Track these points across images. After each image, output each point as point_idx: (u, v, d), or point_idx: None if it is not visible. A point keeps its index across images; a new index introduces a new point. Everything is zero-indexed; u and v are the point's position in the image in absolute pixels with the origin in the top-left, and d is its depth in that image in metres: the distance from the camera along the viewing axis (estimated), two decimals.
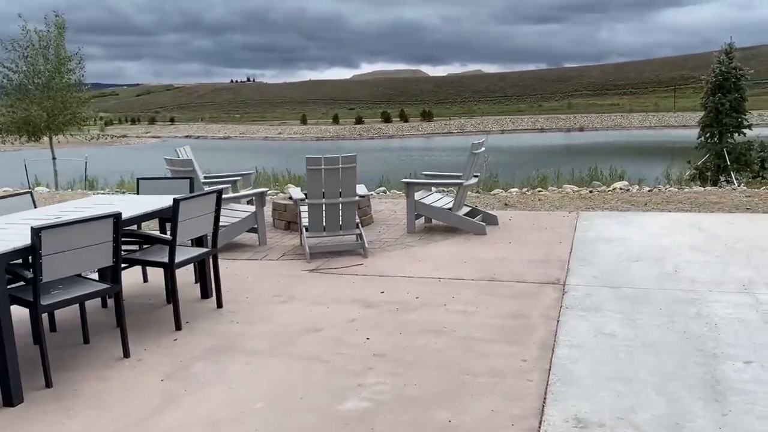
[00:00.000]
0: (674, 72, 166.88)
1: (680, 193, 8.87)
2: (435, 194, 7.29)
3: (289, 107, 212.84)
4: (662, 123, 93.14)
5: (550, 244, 6.05)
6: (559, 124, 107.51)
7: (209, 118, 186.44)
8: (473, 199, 9.10)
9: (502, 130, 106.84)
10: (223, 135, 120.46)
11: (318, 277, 5.30)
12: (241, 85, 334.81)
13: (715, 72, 11.52)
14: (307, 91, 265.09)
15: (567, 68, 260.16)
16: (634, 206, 7.84)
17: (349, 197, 5.94)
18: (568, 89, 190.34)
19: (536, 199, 8.70)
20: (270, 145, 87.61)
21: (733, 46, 11.71)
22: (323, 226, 6.03)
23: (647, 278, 4.85)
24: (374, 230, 7.08)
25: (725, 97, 11.34)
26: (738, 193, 8.54)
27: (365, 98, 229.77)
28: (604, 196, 8.68)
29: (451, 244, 6.26)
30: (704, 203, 7.75)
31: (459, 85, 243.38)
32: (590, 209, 7.81)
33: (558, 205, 8.17)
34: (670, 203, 7.89)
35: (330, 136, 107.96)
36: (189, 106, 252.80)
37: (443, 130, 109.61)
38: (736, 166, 11.17)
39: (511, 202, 8.59)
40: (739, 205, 7.54)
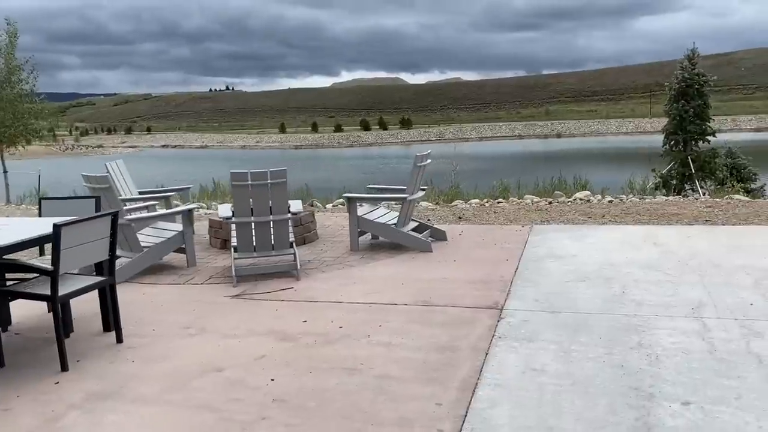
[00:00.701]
0: (650, 78, 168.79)
1: (641, 203, 8.58)
2: (381, 209, 6.90)
3: (268, 116, 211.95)
4: (638, 129, 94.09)
5: (497, 262, 5.68)
6: (537, 131, 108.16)
7: (187, 128, 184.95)
8: (430, 212, 8.74)
9: (481, 137, 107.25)
10: (200, 144, 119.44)
11: (240, 304, 4.87)
12: (219, 94, 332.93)
13: (678, 79, 11.31)
14: (286, 100, 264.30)
15: (545, 75, 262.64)
16: (591, 219, 7.52)
17: (280, 215, 5.52)
18: (546, 96, 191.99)
19: (492, 212, 8.35)
20: (246, 154, 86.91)
21: (696, 53, 11.52)
22: (253, 246, 5.60)
23: (591, 301, 4.50)
24: (317, 248, 6.66)
25: (689, 103, 11.13)
26: (699, 203, 8.28)
27: (345, 106, 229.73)
28: (561, 208, 8.36)
29: (394, 263, 5.87)
30: (663, 215, 7.45)
31: (438, 93, 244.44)
32: (545, 222, 7.47)
33: (513, 218, 7.83)
34: (629, 215, 7.58)
35: (308, 145, 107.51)
36: (167, 116, 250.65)
37: (422, 137, 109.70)
38: (701, 174, 10.96)
39: (466, 215, 8.23)
40: (699, 217, 7.26)
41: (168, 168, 56.14)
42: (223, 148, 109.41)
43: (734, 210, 7.57)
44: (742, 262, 5.27)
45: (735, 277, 4.87)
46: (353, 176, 47.16)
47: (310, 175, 47.82)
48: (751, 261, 5.30)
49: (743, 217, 7.09)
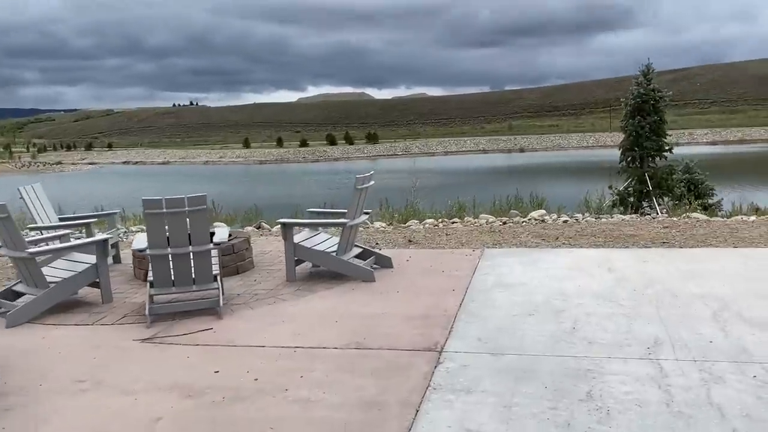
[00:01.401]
0: (609, 93, 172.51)
1: (596, 223, 8.28)
2: (322, 234, 6.41)
3: (232, 131, 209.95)
4: (599, 143, 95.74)
5: (442, 292, 5.24)
6: (501, 145, 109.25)
7: (149, 143, 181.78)
8: (381, 234, 8.29)
9: (446, 151, 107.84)
10: (162, 160, 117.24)
11: (148, 349, 4.31)
12: (183, 109, 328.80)
13: (633, 95, 11.15)
14: (251, 115, 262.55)
15: (508, 91, 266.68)
16: (545, 241, 7.16)
17: (201, 245, 4.99)
18: (509, 111, 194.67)
19: (444, 234, 7.94)
20: (208, 170, 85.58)
21: (651, 68, 11.40)
22: (171, 280, 5.05)
23: (539, 339, 4.08)
24: (250, 278, 6.13)
25: (645, 119, 10.97)
26: (656, 223, 8.00)
27: (311, 121, 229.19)
28: (515, 229, 7.99)
29: (331, 296, 5.37)
30: (619, 236, 7.13)
31: (404, 108, 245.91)
32: (497, 245, 7.08)
33: (465, 240, 7.42)
34: (583, 237, 7.25)
35: (273, 160, 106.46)
36: (129, 131, 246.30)
37: (388, 152, 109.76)
38: (658, 191, 10.78)
39: (417, 237, 7.80)
40: (656, 239, 6.96)
41: (127, 185, 54.66)
42: (185, 164, 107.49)
43: (692, 231, 7.30)
44: (700, 291, 4.93)
45: (693, 309, 4.52)
46: (317, 192, 46.52)
47: (272, 190, 47.19)
48: (709, 289, 4.97)
49: (701, 239, 6.81)
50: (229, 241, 6.34)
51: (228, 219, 11.86)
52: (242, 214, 12.49)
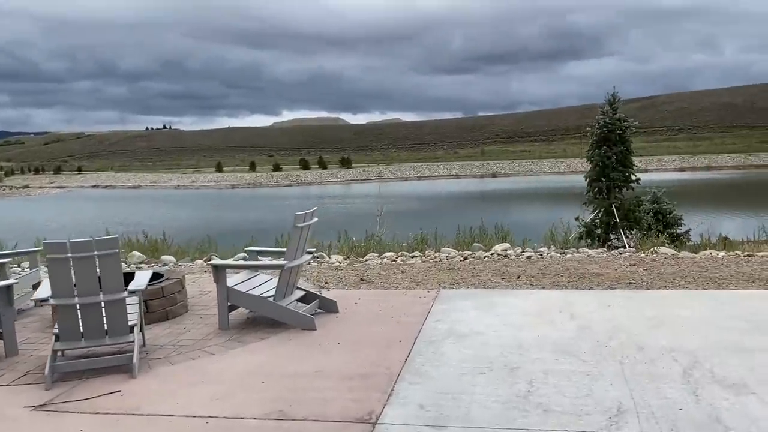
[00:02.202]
0: (580, 120, 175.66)
1: (561, 260, 7.87)
2: (261, 276, 5.86)
3: (206, 154, 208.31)
4: (570, 168, 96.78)
5: (388, 344, 4.73)
6: (473, 170, 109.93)
7: (120, 167, 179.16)
8: (333, 271, 7.76)
9: (419, 176, 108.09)
10: (133, 184, 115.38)
11: (38, 420, 3.70)
12: (156, 133, 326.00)
13: (599, 124, 10.89)
14: (225, 139, 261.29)
15: (481, 117, 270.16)
16: (506, 280, 6.70)
17: (114, 293, 4.41)
18: (482, 137, 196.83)
19: (400, 271, 7.44)
20: (178, 195, 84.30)
21: (617, 97, 11.17)
22: (80, 333, 4.45)
23: (489, 406, 3.57)
24: (180, 325, 5.54)
25: (611, 149, 10.70)
26: (623, 260, 7.62)
27: (286, 145, 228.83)
28: (476, 266, 7.53)
29: (263, 349, 4.82)
30: (584, 276, 6.71)
31: (378, 133, 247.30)
32: (455, 285, 6.61)
33: (421, 279, 6.93)
34: (546, 276, 6.81)
35: (246, 184, 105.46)
36: (100, 155, 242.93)
37: (362, 177, 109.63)
38: (625, 223, 10.46)
39: (371, 275, 7.29)
40: (622, 278, 6.55)
41: (90, 211, 53.33)
42: (156, 188, 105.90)
43: (659, 269, 6.92)
44: (668, 343, 4.50)
45: (661, 366, 4.07)
46: (288, 217, 45.75)
47: (240, 216, 46.39)
48: (678, 340, 4.54)
49: (669, 279, 6.42)
50: (159, 282, 5.76)
51: (179, 252, 11.22)
52: (196, 246, 11.84)
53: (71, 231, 21.09)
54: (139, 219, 46.28)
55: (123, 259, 10.39)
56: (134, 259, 10.43)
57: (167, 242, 11.86)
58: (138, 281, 4.78)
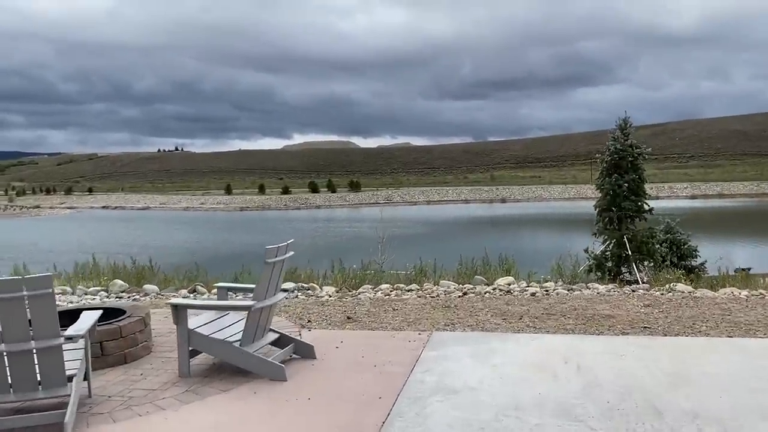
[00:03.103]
0: (590, 146, 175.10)
1: (568, 298, 7.21)
2: (231, 316, 5.25)
3: (216, 177, 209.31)
4: (580, 195, 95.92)
5: (366, 401, 4.10)
6: (483, 195, 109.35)
7: (130, 188, 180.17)
8: (319, 307, 7.14)
9: (428, 200, 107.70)
10: (142, 205, 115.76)
11: None
12: (168, 155, 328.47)
13: (610, 150, 10.29)
14: (236, 161, 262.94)
15: (490, 142, 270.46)
16: (506, 321, 6.06)
17: (48, 339, 3.83)
18: (491, 162, 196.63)
19: (392, 309, 6.81)
20: (187, 217, 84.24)
21: (629, 122, 10.58)
22: (8, 384, 3.86)
23: None
24: (137, 371, 4.94)
25: (622, 177, 10.06)
26: (636, 300, 6.95)
27: (296, 168, 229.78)
28: (474, 304, 6.89)
29: (222, 404, 4.20)
30: (593, 318, 6.06)
31: (388, 157, 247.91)
32: (449, 326, 5.97)
33: (413, 318, 6.30)
34: (551, 317, 6.16)
35: (254, 206, 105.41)
36: (112, 176, 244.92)
37: (370, 200, 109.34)
38: (638, 256, 9.80)
39: (359, 313, 6.66)
40: (635, 322, 5.89)
41: (97, 232, 53.09)
42: (165, 210, 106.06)
43: (677, 311, 6.26)
44: (691, 406, 3.84)
45: None
46: (291, 240, 45.18)
47: (245, 239, 45.92)
48: (703, 403, 3.88)
49: (688, 323, 5.76)
50: (118, 321, 5.18)
51: (165, 280, 10.66)
52: (184, 273, 11.25)
53: (52, 256, 20.62)
54: (144, 241, 45.96)
55: (104, 288, 9.85)
56: (116, 288, 9.88)
57: (153, 269, 11.30)
58: (79, 324, 4.20)
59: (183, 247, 41.17)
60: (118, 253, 34.90)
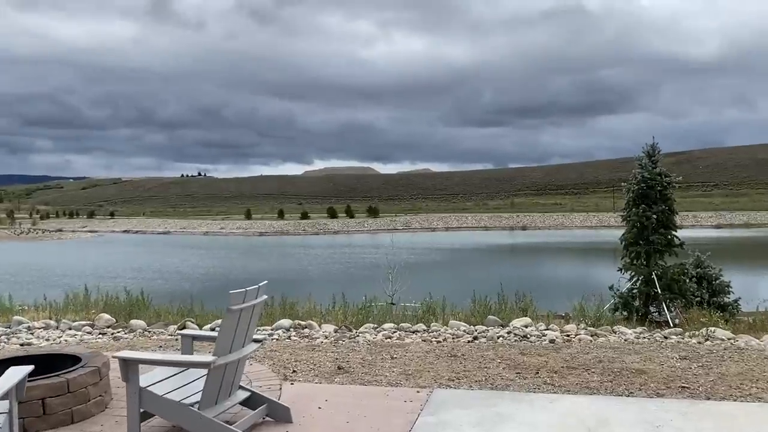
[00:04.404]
0: (612, 174, 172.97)
1: (593, 345, 6.37)
2: (196, 370, 4.50)
3: (237, 201, 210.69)
4: (602, 223, 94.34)
5: None
6: (503, 222, 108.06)
7: (151, 212, 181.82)
8: (309, 353, 6.38)
9: (447, 227, 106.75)
10: (163, 230, 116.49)
11: None
12: (190, 180, 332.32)
13: (637, 179, 9.48)
14: (256, 186, 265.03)
15: (511, 168, 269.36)
16: (520, 376, 5.24)
17: None
18: (512, 188, 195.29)
19: (389, 356, 6.03)
20: (206, 241, 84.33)
21: (657, 148, 9.78)
22: None
23: None
24: None
25: (650, 209, 9.23)
26: (670, 349, 6.08)
27: (316, 194, 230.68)
28: (485, 353, 6.07)
29: None
30: (621, 373, 5.21)
31: (407, 183, 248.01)
32: (454, 381, 5.16)
33: (413, 369, 5.51)
34: (573, 371, 5.33)
35: (273, 232, 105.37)
36: (135, 200, 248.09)
37: (389, 226, 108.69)
38: (668, 295, 8.92)
39: (352, 361, 5.88)
40: (671, 378, 5.04)
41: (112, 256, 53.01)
42: (185, 234, 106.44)
43: (719, 366, 5.39)
44: None
45: None
46: (306, 266, 44.79)
47: (260, 265, 45.28)
48: None
49: (734, 382, 4.89)
50: (66, 374, 4.48)
51: (157, 313, 10.00)
52: (178, 305, 10.57)
53: (67, 279, 20.17)
54: (159, 266, 45.67)
55: (90, 322, 9.21)
56: (102, 322, 9.23)
57: (146, 301, 10.64)
58: (6, 383, 3.50)
59: (195, 272, 40.77)
60: (129, 278, 34.50)
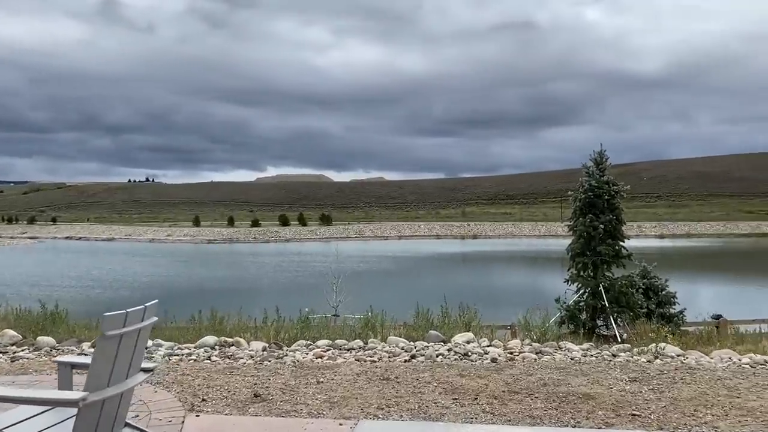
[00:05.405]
0: (560, 184, 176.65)
1: (537, 365, 5.91)
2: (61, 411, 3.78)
3: (186, 208, 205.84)
4: (550, 232, 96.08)
5: None
6: (454, 231, 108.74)
7: (96, 219, 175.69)
8: (226, 376, 5.70)
9: (400, 235, 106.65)
10: (107, 236, 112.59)
11: None
12: (137, 185, 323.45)
13: (584, 187, 9.17)
14: (206, 193, 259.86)
15: (463, 178, 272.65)
16: (458, 402, 4.71)
17: None
18: (463, 198, 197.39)
19: (315, 380, 5.41)
20: (150, 249, 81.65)
21: (605, 156, 9.51)
22: None
23: None
24: None
25: (598, 218, 8.92)
26: (619, 370, 5.66)
27: (268, 201, 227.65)
28: (420, 375, 5.52)
29: None
30: (567, 399, 4.74)
31: (361, 191, 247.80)
32: (384, 410, 4.59)
33: (339, 396, 4.91)
34: (515, 395, 4.83)
35: (222, 239, 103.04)
36: (79, 206, 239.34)
37: (341, 234, 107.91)
38: (616, 308, 8.61)
39: (272, 387, 5.23)
40: (621, 404, 4.59)
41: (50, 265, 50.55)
42: (130, 241, 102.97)
43: (671, 389, 4.98)
44: None
45: None
46: (253, 274, 43.63)
47: (204, 273, 43.89)
48: None
49: (688, 409, 4.47)
50: None
51: (71, 329, 9.10)
52: (97, 320, 9.66)
53: None
54: (99, 274, 43.72)
55: None
56: (5, 339, 8.29)
57: (61, 314, 9.71)
58: None
59: (135, 280, 39.12)
60: (65, 287, 32.76)
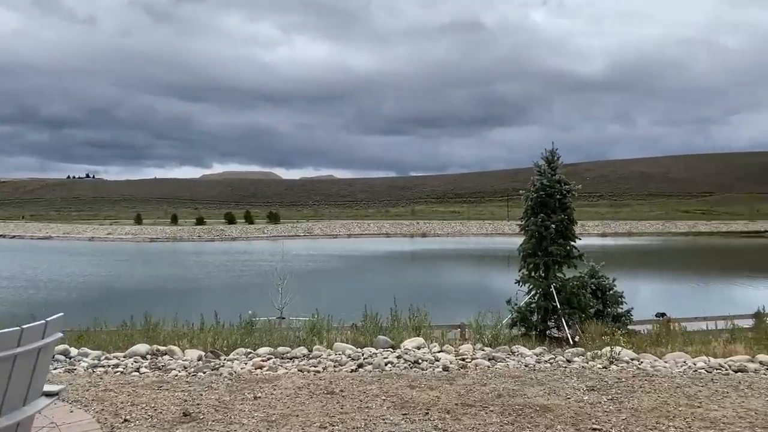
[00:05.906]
0: (507, 183, 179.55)
1: (491, 374, 5.61)
2: None
3: (128, 205, 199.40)
4: (497, 231, 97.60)
5: None
6: (404, 229, 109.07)
7: (32, 216, 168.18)
8: (153, 392, 5.18)
9: (349, 234, 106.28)
10: (43, 234, 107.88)
11: None
12: (77, 182, 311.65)
13: (535, 186, 9.00)
14: (149, 190, 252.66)
15: (412, 177, 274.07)
16: (407, 418, 4.34)
17: None
18: (413, 196, 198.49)
19: (253, 395, 4.95)
20: (89, 247, 78.61)
21: (557, 154, 9.38)
22: None
23: None
24: None
25: (549, 218, 8.76)
26: (576, 378, 5.42)
27: (214, 199, 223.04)
28: (367, 387, 5.13)
29: None
30: (523, 411, 4.45)
31: (310, 189, 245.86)
32: (326, 428, 4.17)
33: (279, 413, 4.47)
34: (469, 409, 4.50)
35: (166, 237, 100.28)
36: (14, 202, 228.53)
37: (290, 232, 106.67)
38: (567, 309, 8.46)
39: (204, 404, 4.74)
40: (581, 418, 4.32)
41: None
42: (69, 239, 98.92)
43: (630, 399, 4.76)
44: None
45: None
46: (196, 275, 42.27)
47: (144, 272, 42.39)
48: None
49: (650, 421, 4.24)
50: None
51: None
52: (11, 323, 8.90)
53: None
54: (33, 274, 41.55)
55: None
56: None
57: None
58: None
59: (72, 281, 37.40)
60: None
